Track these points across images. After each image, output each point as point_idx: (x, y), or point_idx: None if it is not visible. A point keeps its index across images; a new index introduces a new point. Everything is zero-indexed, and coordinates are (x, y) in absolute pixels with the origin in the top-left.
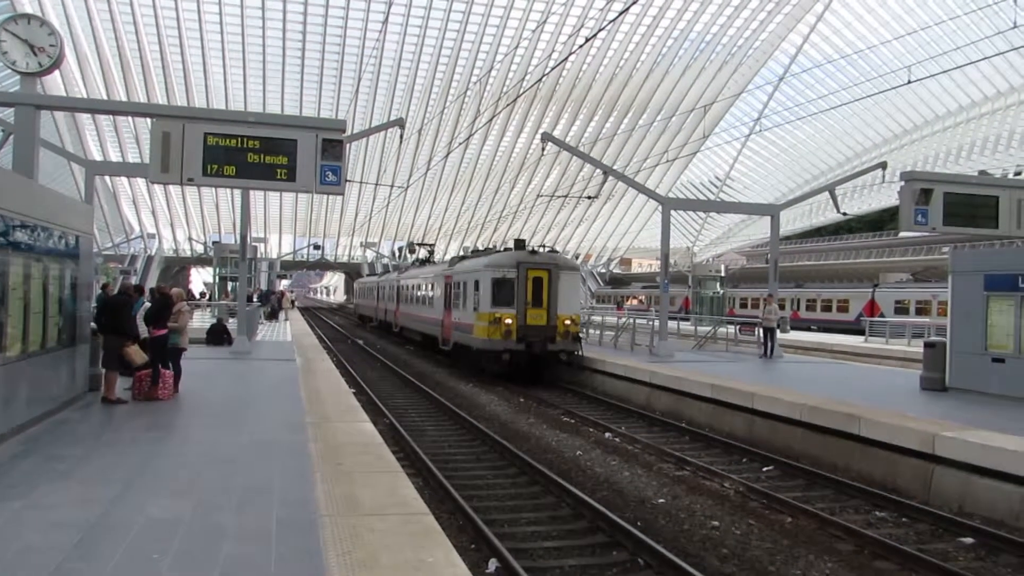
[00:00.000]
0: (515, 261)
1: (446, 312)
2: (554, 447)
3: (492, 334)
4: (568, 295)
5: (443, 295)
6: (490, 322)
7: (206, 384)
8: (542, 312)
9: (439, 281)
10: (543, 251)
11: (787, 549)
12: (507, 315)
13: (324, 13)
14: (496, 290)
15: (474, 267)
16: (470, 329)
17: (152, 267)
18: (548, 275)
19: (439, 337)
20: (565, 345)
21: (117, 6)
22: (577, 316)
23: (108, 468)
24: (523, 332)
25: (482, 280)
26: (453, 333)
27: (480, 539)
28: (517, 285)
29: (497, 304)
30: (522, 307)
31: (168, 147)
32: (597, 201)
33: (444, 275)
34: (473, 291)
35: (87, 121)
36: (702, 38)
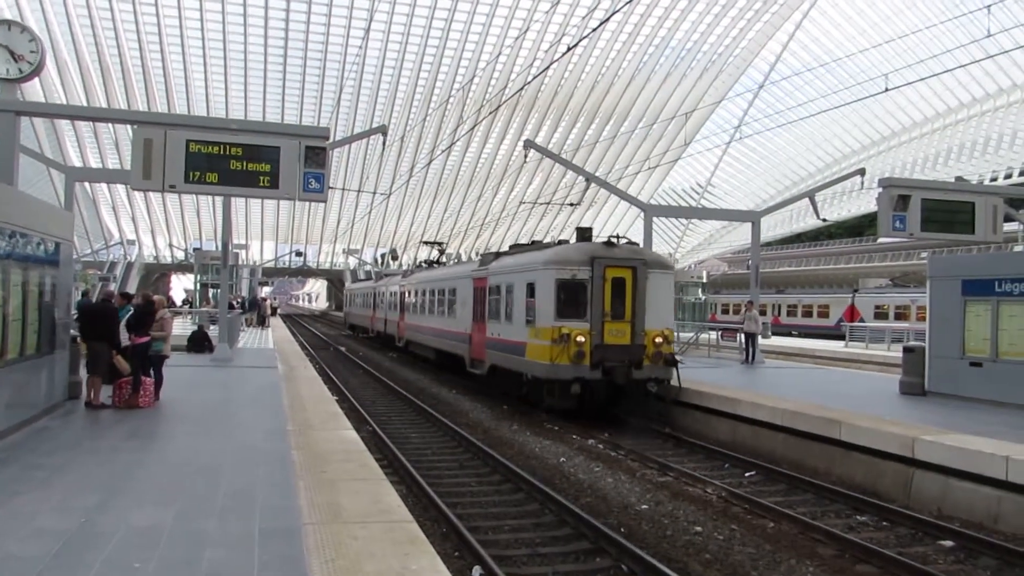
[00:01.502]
0: (588, 256)
1: (476, 325)
2: (537, 453)
3: (557, 357)
4: (659, 303)
5: (472, 303)
6: (553, 340)
7: (187, 392)
8: (625, 327)
9: (465, 285)
10: (621, 243)
11: (769, 554)
12: (578, 331)
13: (306, 20)
14: (562, 296)
15: (525, 265)
16: (519, 349)
17: (132, 274)
18: (633, 275)
19: (465, 357)
20: (655, 371)
21: (97, 12)
22: (670, 332)
23: (89, 476)
24: (600, 354)
25: (540, 283)
26: (489, 353)
27: (464, 546)
28: (592, 289)
29: (564, 316)
30: (598, 320)
31: (150, 154)
32: (580, 208)
33: (474, 277)
34: (524, 297)
35: (67, 127)
36: (682, 46)
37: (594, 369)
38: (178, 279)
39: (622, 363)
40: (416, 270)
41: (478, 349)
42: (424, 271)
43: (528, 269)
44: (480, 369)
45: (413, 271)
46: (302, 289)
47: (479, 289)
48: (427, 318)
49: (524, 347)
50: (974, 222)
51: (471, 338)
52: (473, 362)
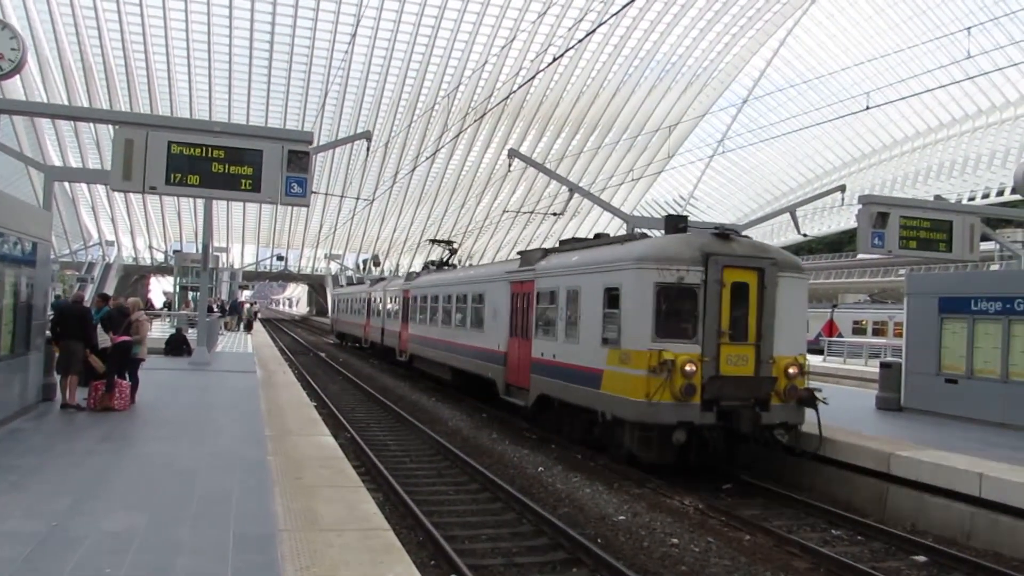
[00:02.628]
0: (699, 251)
1: (516, 341)
2: (516, 463)
3: (655, 393)
4: (791, 318)
5: (510, 313)
6: (651, 369)
7: (164, 395)
8: (747, 351)
9: (499, 290)
10: (737, 238)
11: (745, 566)
12: (686, 357)
13: (292, 24)
14: (663, 307)
15: (602, 262)
16: (589, 378)
17: (110, 275)
18: (759, 280)
19: (498, 382)
20: (787, 414)
21: (81, 11)
22: (804, 359)
23: (61, 479)
24: (715, 390)
25: (630, 288)
26: (536, 380)
27: (440, 555)
28: (705, 298)
29: (665, 335)
30: (713, 341)
31: (131, 155)
32: (563, 218)
33: (511, 281)
34: (599, 307)
35: (47, 125)
36: (667, 59)
37: (706, 411)
38: (157, 281)
39: (745, 403)
40: (423, 272)
41: (518, 373)
42: (435, 273)
43: (607, 268)
44: (522, 399)
45: (419, 273)
46: (283, 293)
47: (520, 295)
48: (441, 329)
49: (599, 376)
50: (951, 240)
51: (507, 358)
52: (510, 389)
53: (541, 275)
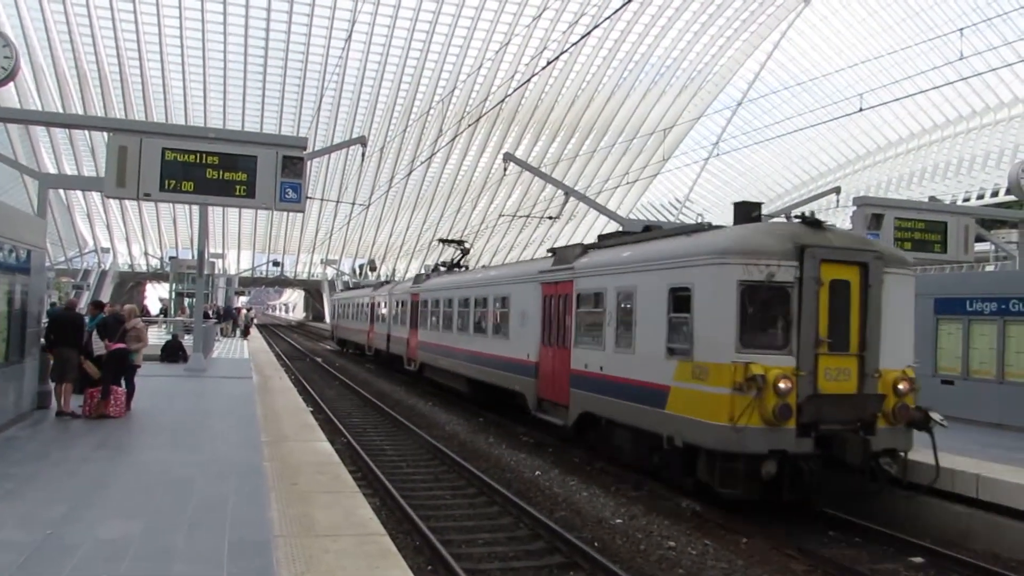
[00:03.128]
0: (792, 243)
1: (551, 351)
2: (513, 467)
3: (742, 415)
4: (899, 323)
5: (542, 318)
6: (736, 386)
7: (160, 402)
8: (849, 363)
9: (527, 293)
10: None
11: (742, 569)
12: (779, 370)
13: (287, 29)
14: (749, 310)
15: (668, 257)
16: (651, 395)
17: (106, 282)
18: (862, 277)
19: (528, 396)
20: (895, 438)
21: (75, 18)
22: (912, 372)
23: (56, 487)
24: (813, 411)
25: (706, 287)
26: (578, 396)
27: (437, 560)
28: (801, 299)
29: (753, 344)
30: (809, 351)
31: (125, 161)
32: (559, 222)
33: (543, 282)
34: (663, 311)
35: (41, 132)
36: (662, 63)
37: (803, 436)
38: (153, 288)
39: (848, 426)
40: (432, 274)
41: (553, 386)
42: (447, 275)
43: (673, 264)
44: (559, 417)
45: (428, 275)
46: (279, 299)
47: (555, 298)
48: (456, 336)
49: (663, 393)
50: (946, 242)
51: (538, 369)
52: (543, 404)
53: (582, 274)
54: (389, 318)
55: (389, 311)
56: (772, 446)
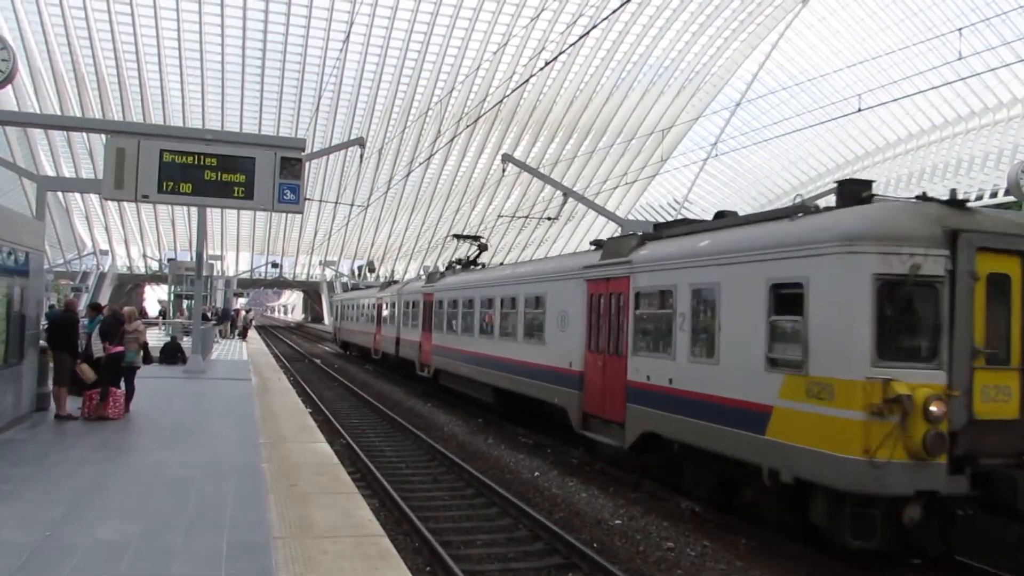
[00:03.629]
0: (940, 226)
1: (597, 359)
2: (512, 467)
3: (881, 446)
4: None
5: (587, 321)
6: (872, 410)
7: (158, 404)
8: (1010, 380)
9: (567, 292)
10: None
11: (741, 570)
12: (926, 388)
13: (284, 31)
14: (888, 312)
15: (765, 245)
16: (748, 418)
17: (105, 284)
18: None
19: (571, 410)
20: None
21: (72, 21)
22: None
23: (55, 489)
24: (969, 441)
25: (824, 280)
26: (637, 412)
27: (436, 561)
28: (954, 296)
29: (893, 355)
30: (964, 365)
31: (122, 163)
32: (558, 222)
33: (589, 279)
34: (760, 312)
35: (39, 135)
36: (661, 63)
37: (955, 473)
38: (152, 290)
39: (1013, 461)
40: (447, 272)
41: (604, 400)
42: (465, 273)
43: (776, 255)
44: (612, 437)
45: (443, 274)
46: (278, 301)
47: (604, 297)
48: (479, 340)
49: (763, 415)
50: None
51: (584, 380)
52: (591, 421)
53: (642, 269)
54: (398, 320)
55: (398, 312)
56: (919, 486)
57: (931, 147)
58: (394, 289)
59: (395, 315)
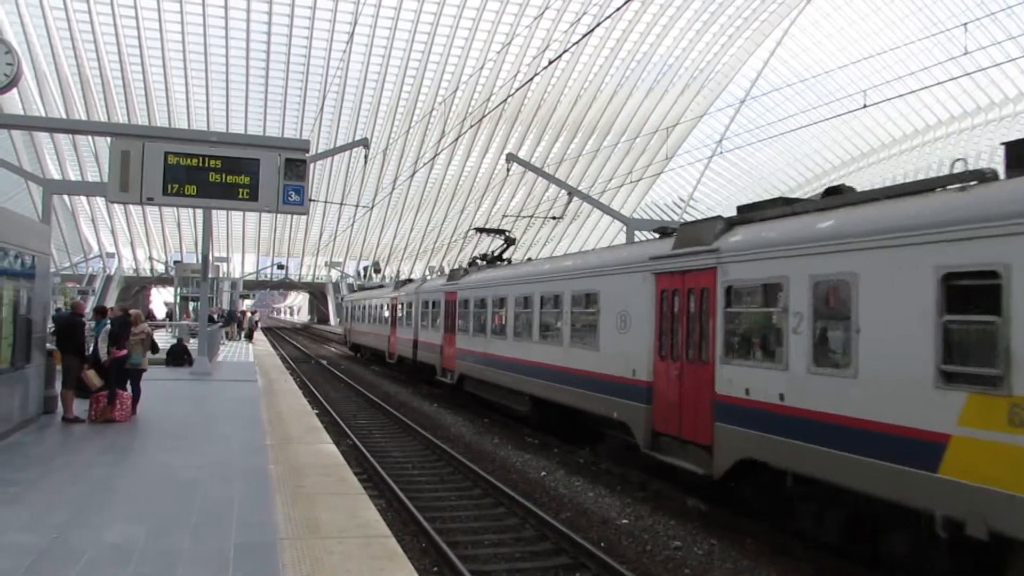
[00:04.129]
0: None
1: (670, 368)
2: (519, 467)
3: None
4: None
5: (655, 323)
6: None
7: (165, 406)
8: None
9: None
10: None
11: (749, 570)
12: None
13: (288, 32)
14: None
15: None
16: (906, 450)
17: (111, 287)
18: None
19: (638, 428)
20: None
21: (77, 24)
22: None
23: (61, 492)
24: None
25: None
26: (734, 435)
27: (443, 561)
28: None
29: None
30: None
31: (127, 166)
32: (562, 221)
33: (658, 272)
34: (925, 311)
35: (45, 139)
36: (665, 61)
37: None
38: (158, 292)
39: None
40: (471, 269)
41: (683, 418)
42: (493, 269)
43: (955, 234)
44: (695, 462)
45: (467, 270)
46: (284, 302)
47: (682, 294)
48: (513, 344)
49: (936, 447)
50: None
51: (653, 392)
52: (663, 441)
53: (734, 258)
54: (415, 321)
55: (416, 313)
56: None
57: (937, 143)
58: (411, 288)
59: (413, 316)
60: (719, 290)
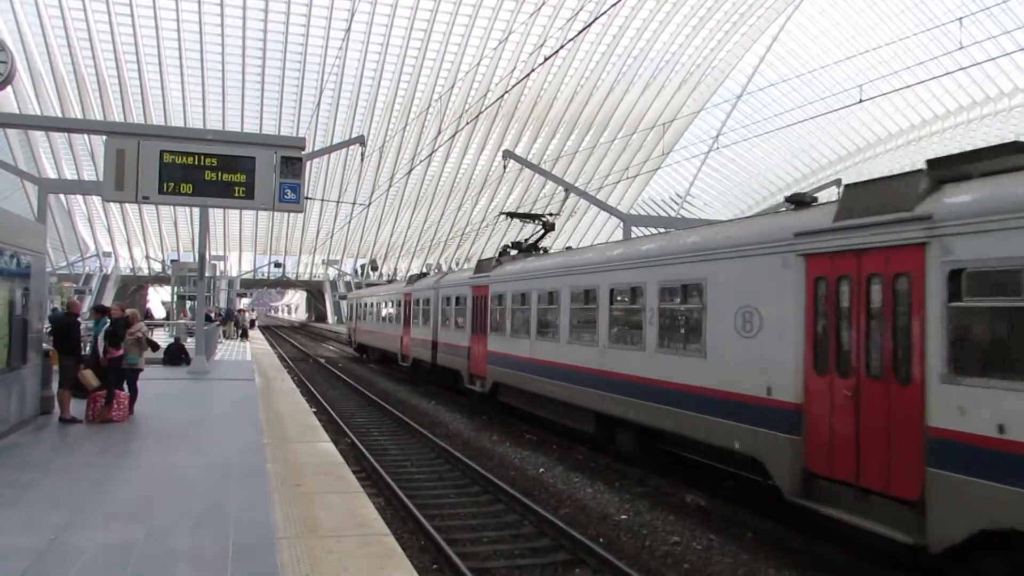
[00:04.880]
0: None
1: (841, 384)
2: (517, 464)
3: None
4: None
5: (807, 326)
6: None
7: (162, 405)
8: None
9: (758, 276)
10: None
11: (748, 564)
12: None
13: (284, 30)
14: None
15: None
16: None
17: (108, 286)
18: None
19: (781, 467)
20: None
21: (72, 23)
22: None
23: (59, 493)
24: None
25: None
26: (976, 492)
27: (443, 559)
28: None
29: None
30: None
31: (123, 165)
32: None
33: (810, 254)
34: None
35: (41, 138)
36: (661, 57)
37: None
38: (155, 291)
39: None
40: (504, 260)
41: (861, 457)
42: (537, 258)
43: None
44: (897, 528)
45: (500, 261)
46: (281, 300)
47: (847, 282)
48: (568, 348)
49: None
50: None
51: (805, 418)
52: (824, 487)
53: (960, 229)
54: (435, 320)
55: (435, 310)
56: None
57: (933, 137)
58: (428, 282)
59: (431, 314)
60: (932, 276)
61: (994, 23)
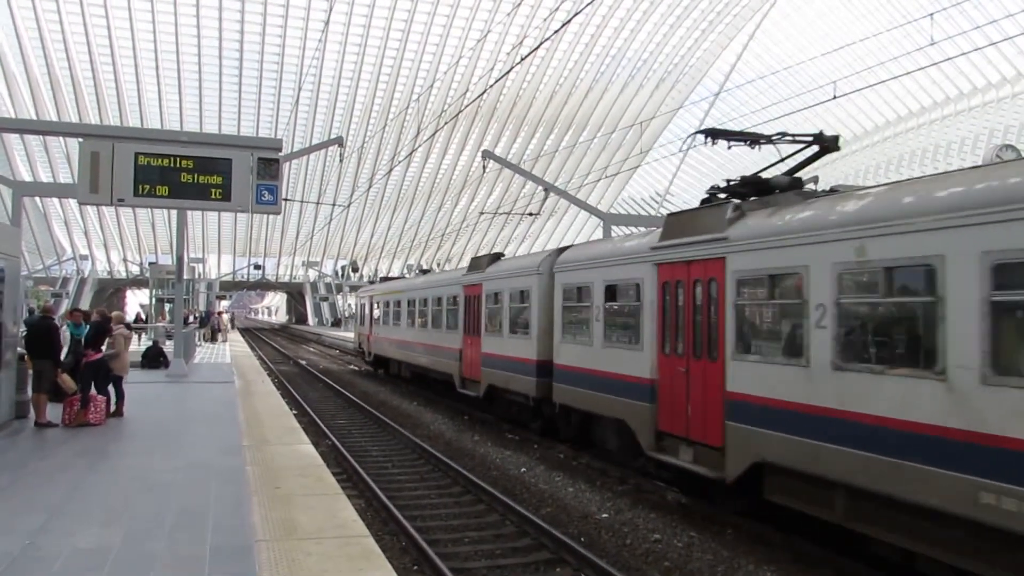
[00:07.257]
0: None
1: None
2: (499, 464)
3: None
4: None
5: None
6: None
7: (141, 408)
8: None
9: None
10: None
11: (728, 560)
12: None
13: (262, 30)
14: None
15: None
16: None
17: (85, 290)
18: None
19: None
20: None
21: (47, 24)
22: None
23: (34, 496)
24: None
25: None
26: None
27: (423, 559)
28: None
29: None
30: None
31: (97, 167)
32: (540, 218)
33: None
34: None
35: (15, 140)
36: (639, 56)
37: None
38: (133, 294)
39: None
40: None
41: None
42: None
43: None
44: None
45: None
46: (261, 302)
47: None
48: None
49: None
50: None
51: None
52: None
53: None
54: (535, 326)
55: (541, 308)
56: None
57: (908, 134)
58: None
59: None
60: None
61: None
